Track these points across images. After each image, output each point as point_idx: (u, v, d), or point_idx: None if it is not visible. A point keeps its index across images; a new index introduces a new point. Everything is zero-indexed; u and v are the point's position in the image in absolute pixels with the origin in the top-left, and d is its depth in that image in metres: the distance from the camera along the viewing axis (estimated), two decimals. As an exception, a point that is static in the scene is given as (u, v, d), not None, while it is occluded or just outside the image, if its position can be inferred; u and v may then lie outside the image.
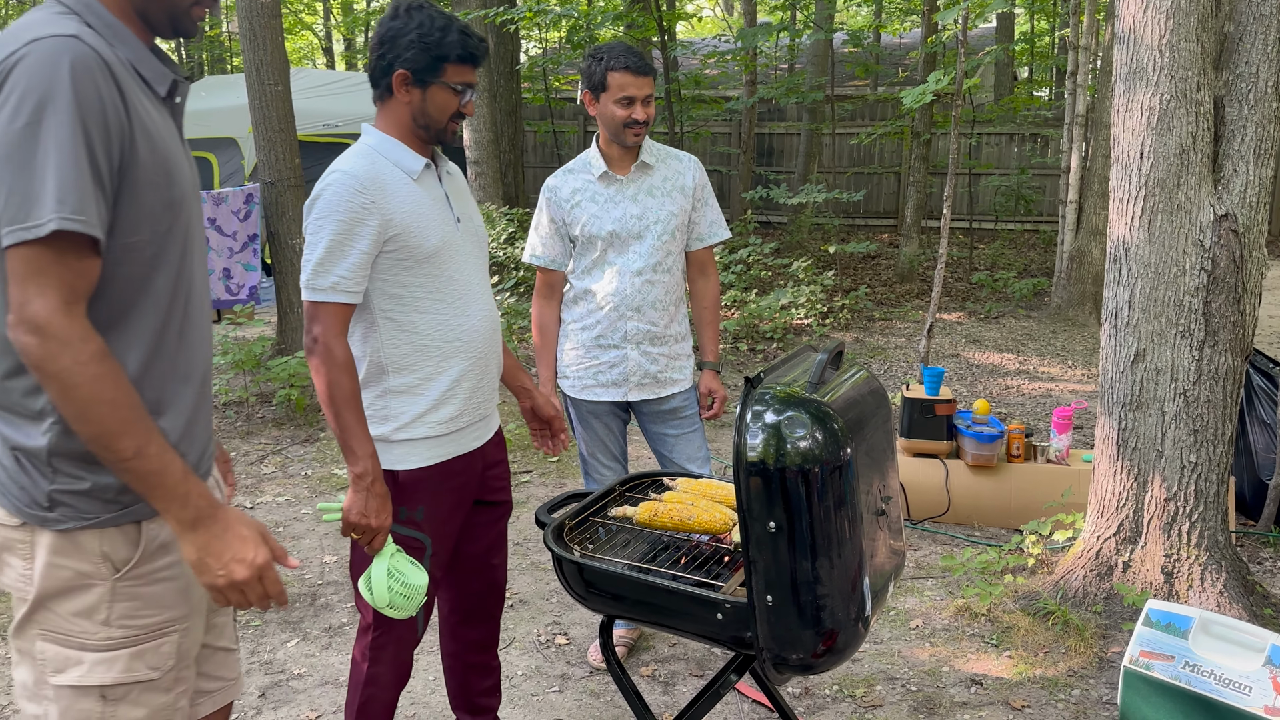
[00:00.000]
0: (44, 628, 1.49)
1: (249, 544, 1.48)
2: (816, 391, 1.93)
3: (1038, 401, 6.44)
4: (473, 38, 2.11)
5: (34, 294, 1.32)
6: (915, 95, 5.73)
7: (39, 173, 1.31)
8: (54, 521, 1.45)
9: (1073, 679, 3.09)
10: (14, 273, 1.33)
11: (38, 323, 1.32)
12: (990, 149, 14.05)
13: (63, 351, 1.33)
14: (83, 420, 1.36)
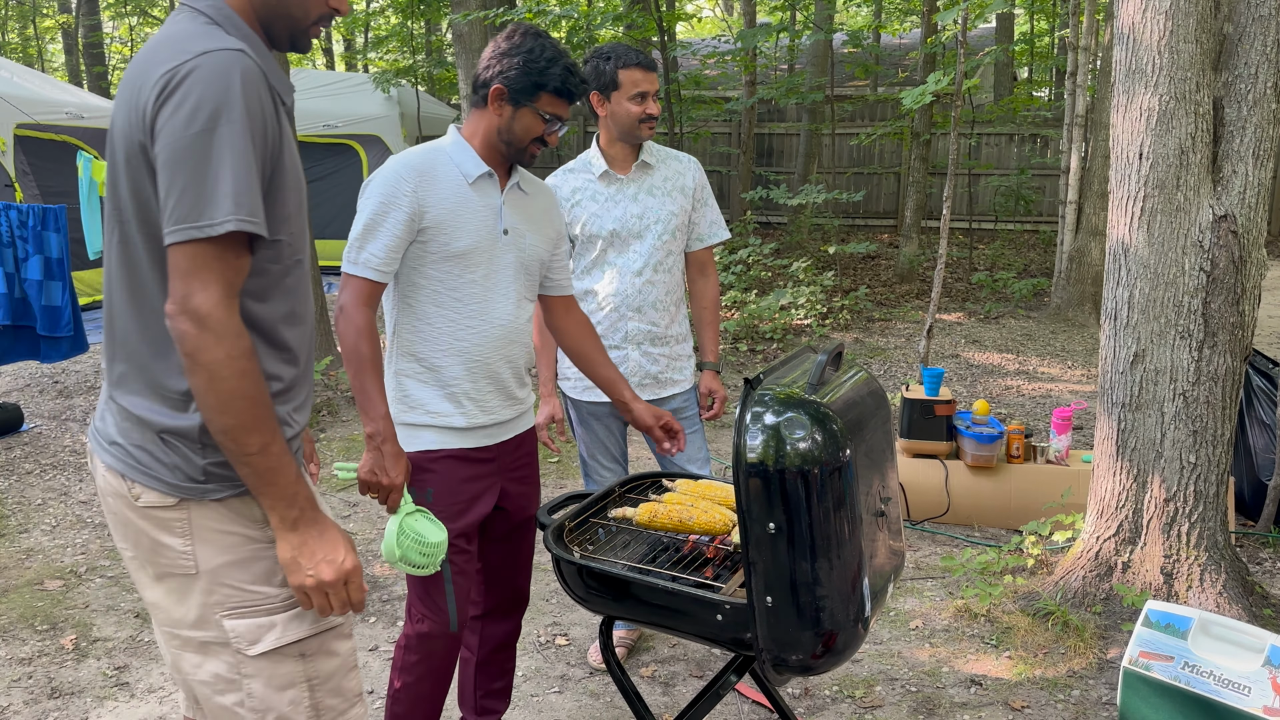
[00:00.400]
0: (227, 606, 1.54)
1: (339, 548, 1.54)
2: (816, 393, 1.94)
3: (1037, 402, 6.44)
4: (575, 76, 2.21)
5: (198, 287, 1.41)
6: (915, 96, 5.74)
7: (214, 176, 1.40)
8: (211, 491, 1.52)
9: (1072, 679, 3.09)
10: (178, 267, 1.41)
11: (200, 314, 1.41)
12: (990, 149, 14.06)
13: (218, 344, 1.42)
14: (221, 411, 1.44)
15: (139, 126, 1.44)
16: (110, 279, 1.55)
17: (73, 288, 5.94)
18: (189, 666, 1.59)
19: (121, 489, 1.54)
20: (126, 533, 1.57)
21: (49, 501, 4.68)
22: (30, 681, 3.12)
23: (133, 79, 1.48)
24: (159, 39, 1.49)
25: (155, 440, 1.52)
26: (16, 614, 3.56)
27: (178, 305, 1.42)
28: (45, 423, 5.92)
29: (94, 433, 1.62)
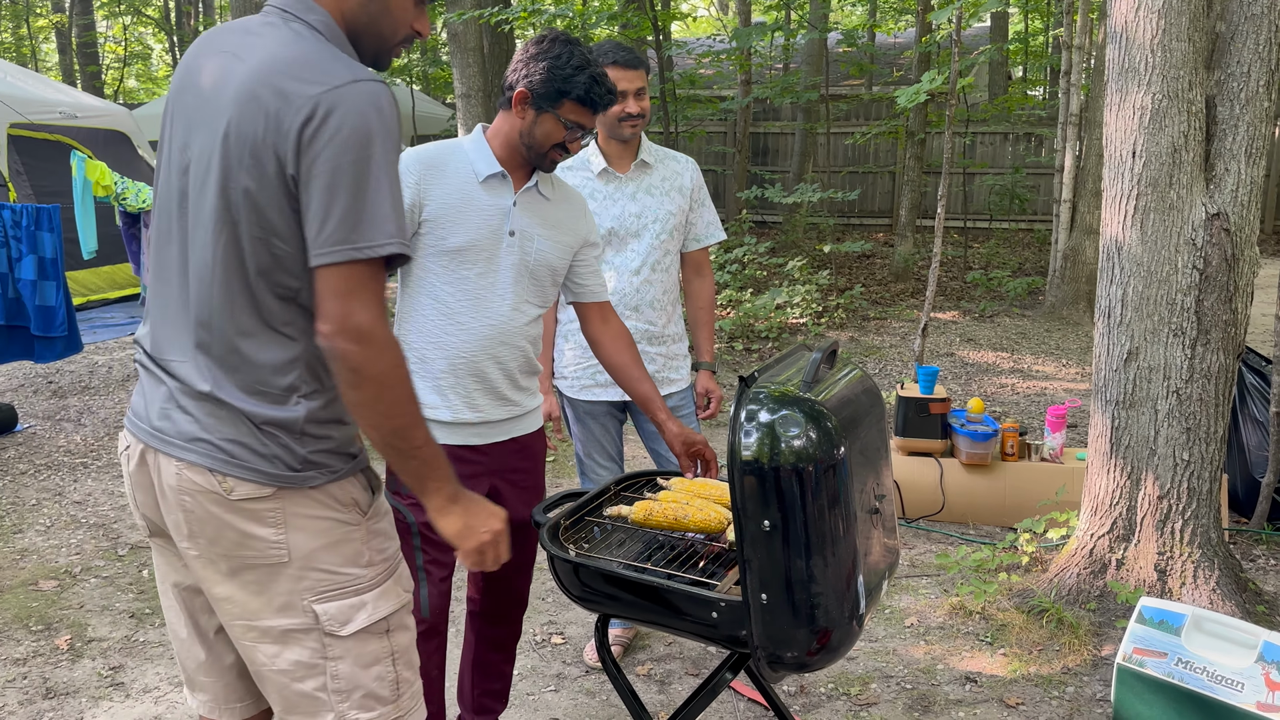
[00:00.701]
0: (318, 590, 1.59)
1: (490, 514, 1.69)
2: (811, 391, 1.94)
3: (1032, 400, 6.46)
4: (601, 86, 2.21)
5: (358, 306, 1.48)
6: (909, 95, 5.75)
7: (372, 200, 1.47)
8: (310, 479, 1.58)
9: (1067, 676, 3.10)
10: (334, 287, 1.48)
11: (363, 331, 1.48)
12: (985, 148, 14.08)
13: (382, 356, 1.50)
14: (392, 416, 1.53)
15: (275, 142, 1.47)
16: (202, 279, 1.55)
17: (67, 288, 5.93)
18: (265, 658, 1.62)
19: (210, 484, 1.55)
20: (204, 528, 1.57)
21: (43, 502, 4.68)
22: (25, 682, 3.11)
23: (258, 90, 1.49)
24: (288, 55, 1.51)
25: (253, 433, 1.55)
26: (11, 614, 3.56)
27: (336, 325, 1.47)
28: (40, 423, 5.91)
29: (151, 433, 1.60)
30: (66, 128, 9.09)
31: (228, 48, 1.59)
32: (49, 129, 8.96)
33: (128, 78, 23.95)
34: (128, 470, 1.68)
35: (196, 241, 1.57)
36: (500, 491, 2.39)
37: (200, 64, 1.62)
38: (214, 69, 1.58)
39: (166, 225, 1.63)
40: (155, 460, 1.61)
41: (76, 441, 5.58)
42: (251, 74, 1.51)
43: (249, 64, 1.52)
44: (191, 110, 1.59)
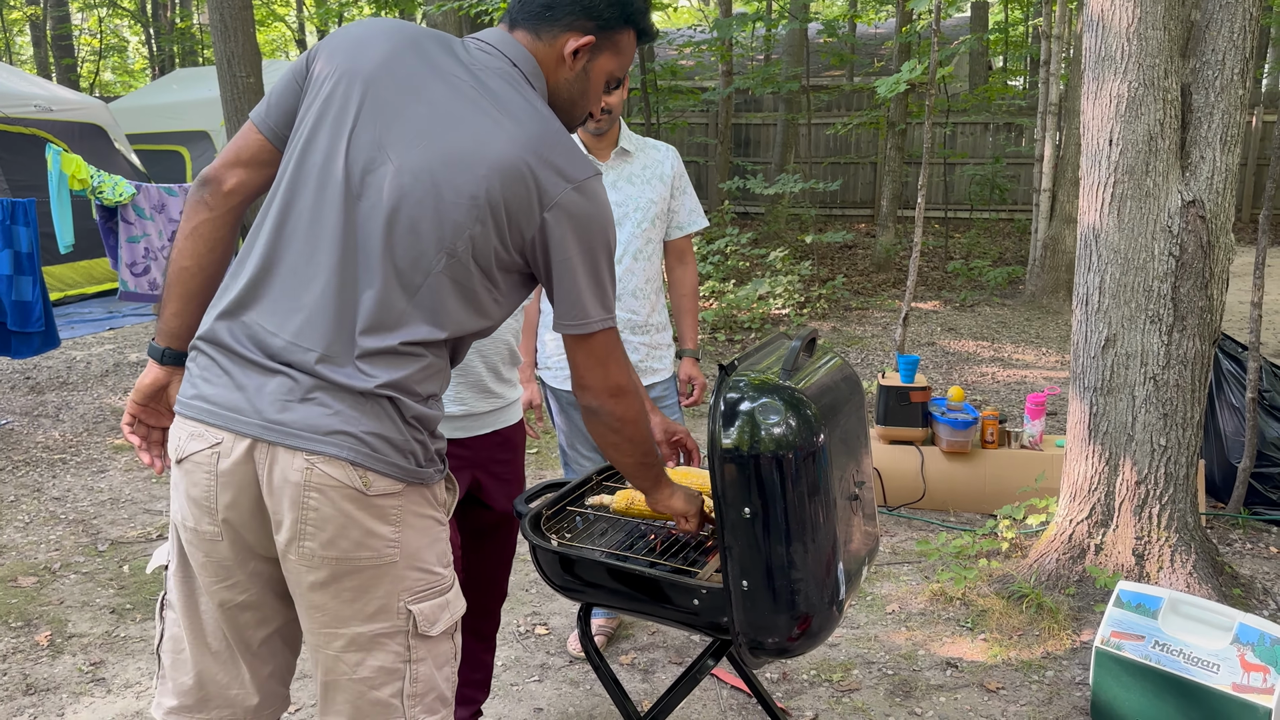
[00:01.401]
0: (415, 590, 1.63)
1: (695, 495, 2.00)
2: (790, 378, 1.95)
3: (1012, 388, 6.50)
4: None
5: (615, 368, 1.71)
6: (889, 85, 5.76)
7: (606, 279, 1.67)
8: (430, 476, 1.65)
9: (1046, 660, 3.13)
10: (595, 353, 1.69)
11: (623, 388, 1.72)
12: (965, 138, 14.14)
13: (634, 402, 1.75)
14: (637, 448, 1.81)
15: (527, 207, 1.58)
16: (399, 292, 1.57)
17: (43, 282, 5.87)
18: (346, 666, 1.62)
19: (350, 478, 1.54)
20: (325, 527, 1.54)
21: (21, 498, 4.64)
22: (5, 679, 3.10)
23: (521, 168, 1.56)
24: (546, 136, 1.60)
25: (398, 427, 1.58)
26: (-10, 611, 3.53)
27: (603, 385, 1.70)
28: (17, 419, 5.86)
29: (268, 427, 1.54)
30: (42, 121, 9.00)
31: (467, 81, 1.61)
32: (24, 122, 8.86)
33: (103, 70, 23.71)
34: (216, 469, 1.57)
35: (381, 248, 1.56)
36: (482, 484, 2.38)
37: (426, 74, 1.61)
38: (455, 98, 1.60)
39: (321, 208, 1.58)
40: (269, 455, 1.54)
41: (55, 437, 5.53)
42: (518, 144, 1.57)
43: (512, 129, 1.58)
44: (415, 122, 1.58)
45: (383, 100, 1.59)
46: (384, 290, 1.56)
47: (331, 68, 1.63)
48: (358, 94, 1.60)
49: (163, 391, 1.77)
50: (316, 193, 1.58)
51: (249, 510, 1.59)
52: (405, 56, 1.62)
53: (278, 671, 1.77)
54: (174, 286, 1.71)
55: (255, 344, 1.58)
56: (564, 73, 1.72)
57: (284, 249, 1.59)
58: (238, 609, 1.68)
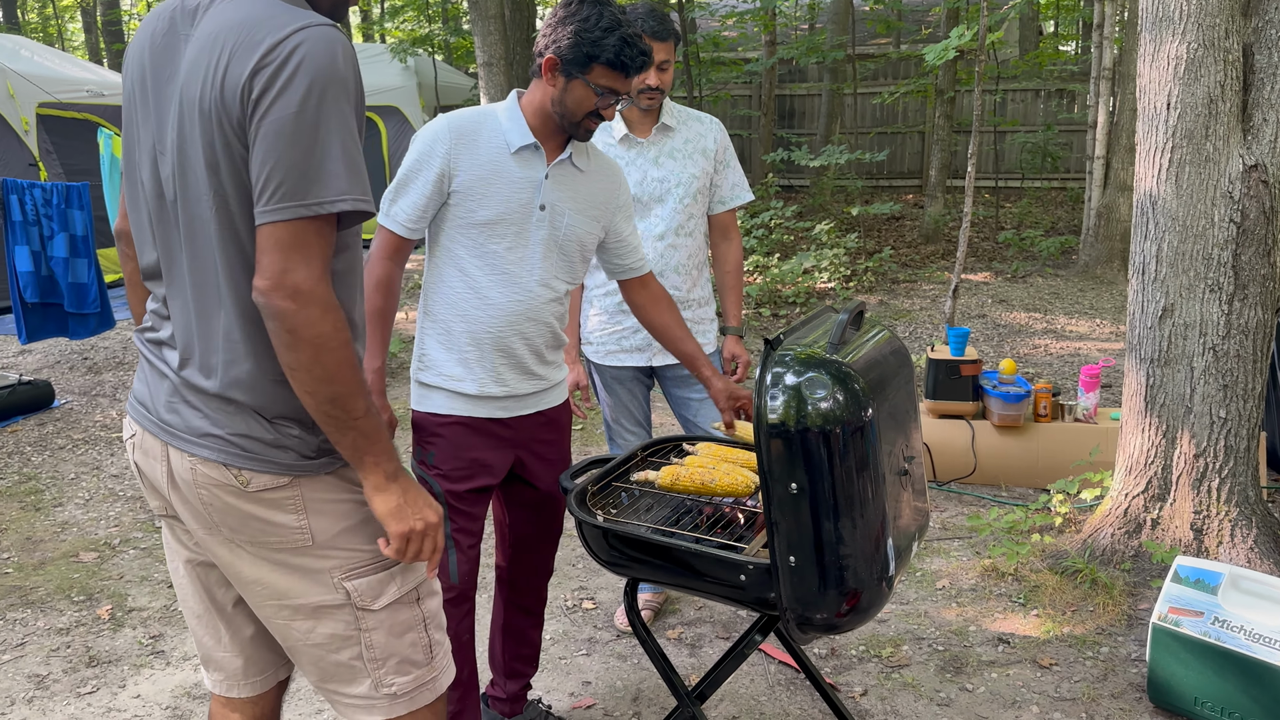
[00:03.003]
0: (346, 569, 1.60)
1: (428, 503, 1.61)
2: (837, 352, 1.92)
3: (1065, 361, 6.38)
4: (633, 48, 2.11)
5: (298, 263, 1.41)
6: (937, 52, 5.65)
7: (322, 153, 1.40)
8: (324, 466, 1.58)
9: (1101, 637, 3.08)
10: (278, 242, 1.40)
11: (301, 290, 1.41)
12: (1016, 105, 13.84)
13: (322, 318, 1.42)
14: (329, 381, 1.45)
15: (235, 107, 1.40)
16: (204, 268, 1.50)
17: (98, 264, 5.99)
18: (299, 634, 1.63)
19: (225, 478, 1.54)
20: (225, 519, 1.57)
21: (81, 476, 4.75)
22: (69, 651, 3.18)
23: (202, 60, 1.43)
24: (234, 18, 1.44)
25: (265, 427, 1.54)
26: (54, 585, 3.63)
27: (273, 281, 1.40)
28: (76, 398, 5.99)
29: (161, 426, 1.58)
30: (94, 106, 9.15)
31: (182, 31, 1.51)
32: (76, 107, 9.02)
33: (154, 55, 24.04)
34: (133, 457, 1.66)
35: (179, 235, 1.53)
36: (525, 463, 2.38)
37: (164, 42, 1.54)
38: (174, 50, 1.51)
39: (153, 222, 1.58)
40: (165, 452, 1.59)
41: (112, 416, 5.65)
42: (200, 51, 1.44)
43: (196, 42, 1.46)
44: (159, 99, 1.52)
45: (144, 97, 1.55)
46: (195, 283, 1.53)
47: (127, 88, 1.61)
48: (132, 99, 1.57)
49: None
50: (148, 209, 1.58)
51: (164, 495, 1.65)
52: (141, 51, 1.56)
53: (260, 635, 1.78)
54: None
55: (156, 349, 1.63)
56: None
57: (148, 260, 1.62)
58: (203, 567, 1.73)
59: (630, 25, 2.13)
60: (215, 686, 1.82)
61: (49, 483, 4.66)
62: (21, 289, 5.70)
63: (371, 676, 1.65)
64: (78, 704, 2.89)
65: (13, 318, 5.93)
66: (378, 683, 1.66)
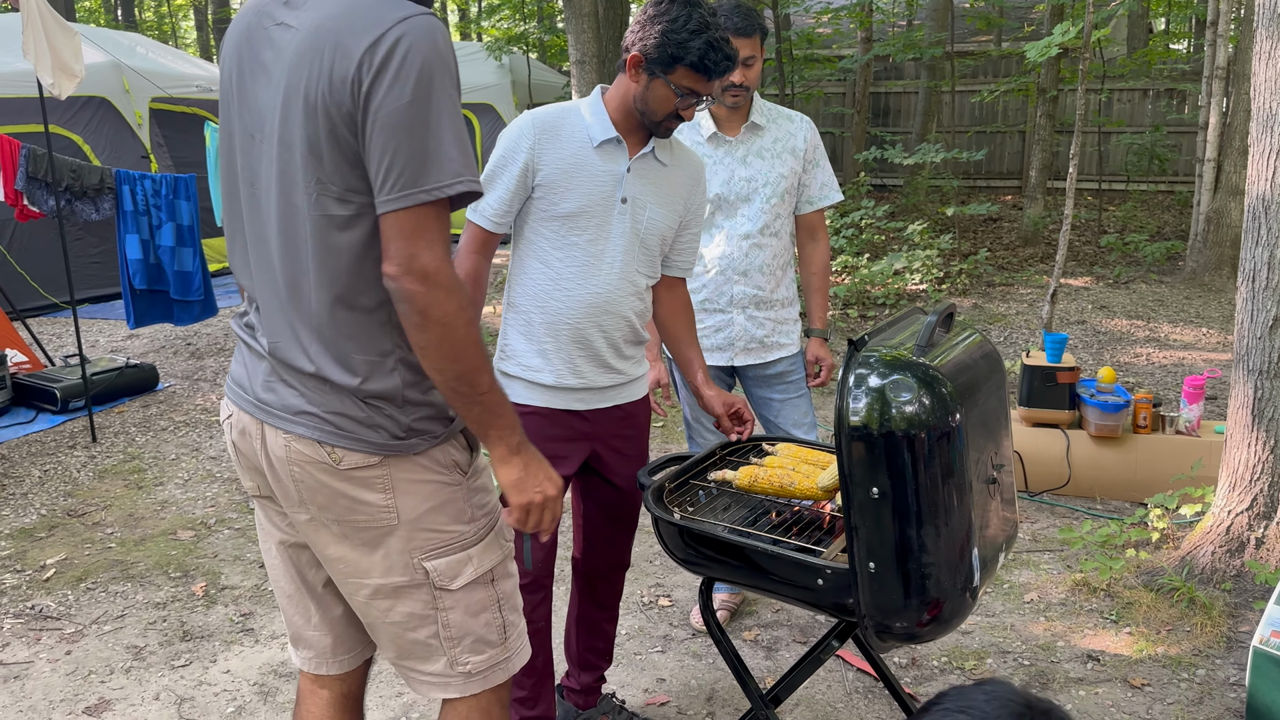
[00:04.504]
0: (426, 549, 1.64)
1: (548, 476, 1.69)
2: (925, 355, 1.87)
3: (1168, 370, 6.14)
4: (718, 52, 2.10)
5: (424, 247, 1.46)
6: (1039, 49, 5.48)
7: (436, 139, 1.44)
8: (413, 447, 1.61)
9: (1197, 658, 2.95)
10: (401, 229, 1.46)
11: (428, 272, 1.46)
12: (1122, 105, 13.37)
13: (449, 298, 1.48)
14: (456, 359, 1.51)
15: (345, 99, 1.44)
16: (298, 253, 1.54)
17: (203, 254, 6.21)
18: (378, 612, 1.68)
19: (319, 455, 1.58)
20: (315, 496, 1.61)
21: (182, 456, 4.93)
22: (165, 624, 3.30)
23: (311, 52, 1.47)
24: (336, 10, 1.48)
25: (358, 405, 1.58)
26: (152, 561, 3.77)
27: (402, 266, 1.46)
28: (179, 382, 6.22)
29: (257, 405, 1.63)
30: (202, 101, 9.48)
31: (282, 17, 1.55)
32: (186, 102, 9.37)
33: (261, 52, 24.83)
34: (230, 438, 1.72)
35: (273, 220, 1.56)
36: (602, 457, 2.38)
37: (261, 33, 1.57)
38: (279, 44, 1.54)
39: (240, 211, 1.64)
40: (260, 431, 1.64)
41: (213, 400, 5.86)
42: (307, 40, 1.48)
43: (301, 33, 1.49)
44: (257, 91, 1.56)
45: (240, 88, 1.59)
46: (286, 267, 1.56)
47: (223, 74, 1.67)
48: (228, 92, 1.62)
49: None
50: (235, 198, 1.65)
51: (260, 475, 1.70)
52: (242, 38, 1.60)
53: (348, 614, 1.82)
54: None
55: (251, 333, 1.68)
56: None
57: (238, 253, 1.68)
58: (296, 548, 1.78)
59: (718, 28, 2.12)
60: (304, 664, 1.87)
61: (151, 462, 4.85)
62: (131, 275, 5.95)
63: (447, 655, 1.69)
64: (171, 676, 3.00)
65: (122, 303, 6.19)
66: (453, 661, 1.70)
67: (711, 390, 2.40)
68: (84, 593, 3.53)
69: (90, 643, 3.19)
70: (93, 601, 3.46)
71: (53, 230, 7.16)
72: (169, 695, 2.90)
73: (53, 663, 3.08)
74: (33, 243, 7.85)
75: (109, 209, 5.83)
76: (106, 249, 8.19)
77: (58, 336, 7.40)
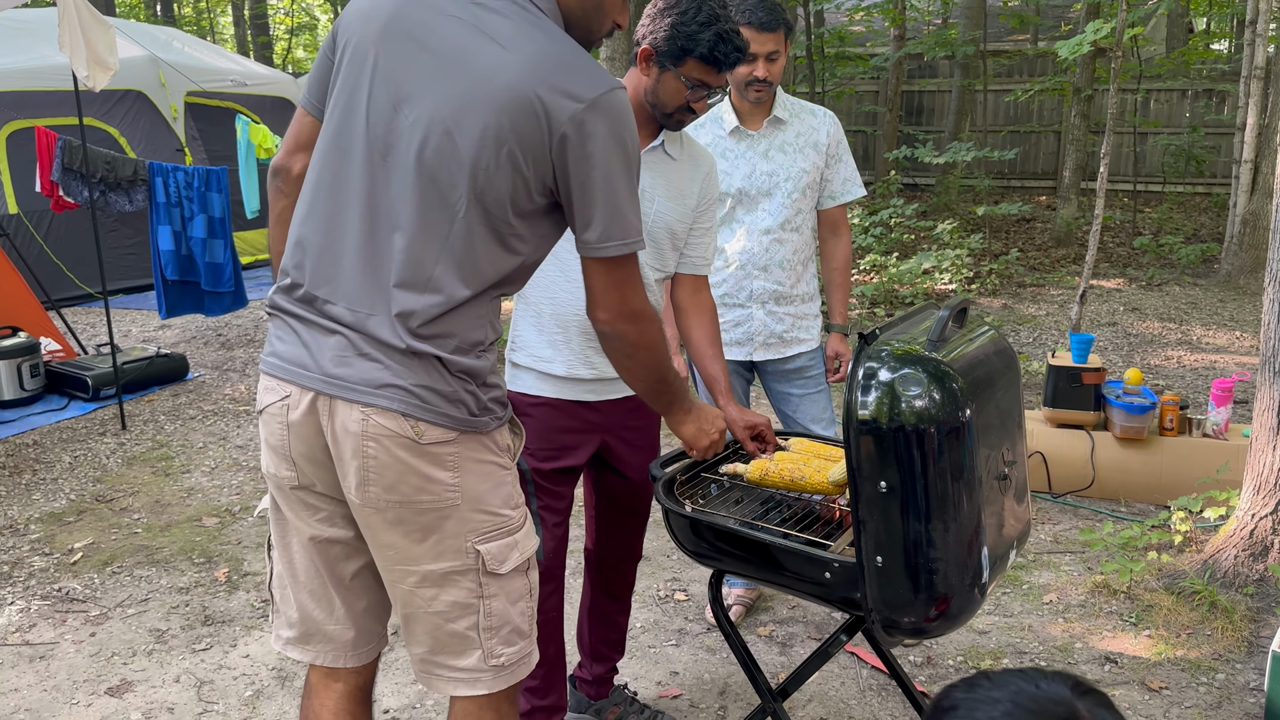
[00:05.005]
0: (481, 532, 1.69)
1: (715, 416, 2.09)
2: (937, 350, 1.87)
3: (1198, 374, 6.06)
4: (728, 44, 2.10)
5: (631, 292, 1.70)
6: (1071, 46, 5.42)
7: (627, 201, 1.65)
8: (485, 424, 1.68)
9: (1217, 663, 2.91)
10: (612, 277, 1.68)
11: (638, 312, 1.72)
12: (1159, 106, 13.19)
13: (652, 327, 1.75)
14: (656, 371, 1.82)
15: (546, 139, 1.57)
16: (413, 239, 1.59)
17: (234, 246, 6.29)
18: (422, 600, 1.69)
19: (401, 428, 1.60)
20: (384, 474, 1.61)
21: (209, 445, 5.00)
22: (187, 609, 3.35)
23: (528, 95, 1.55)
24: (551, 56, 1.58)
25: (445, 379, 1.61)
26: (177, 547, 3.83)
27: (616, 311, 1.69)
28: (208, 372, 6.30)
29: (327, 381, 1.62)
30: (236, 95, 9.60)
31: (469, 18, 1.60)
32: (220, 96, 9.48)
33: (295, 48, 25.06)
34: (287, 420, 1.67)
35: (405, 201, 1.59)
36: (613, 448, 2.38)
37: (429, 20, 1.62)
38: (458, 38, 1.59)
39: (347, 173, 1.63)
40: (329, 407, 1.62)
41: (241, 390, 5.93)
42: (522, 75, 1.56)
43: (516, 60, 1.56)
44: (422, 71, 1.60)
45: (392, 57, 1.62)
46: (413, 245, 1.60)
47: (347, 38, 1.68)
48: (370, 58, 1.64)
49: None
50: (343, 161, 1.65)
51: (317, 457, 1.68)
52: (407, 10, 1.64)
53: (372, 608, 1.84)
54: (276, 269, 1.81)
55: (313, 308, 1.66)
56: None
57: (319, 218, 1.67)
58: (327, 543, 1.77)
59: (728, 20, 2.11)
60: (319, 659, 1.85)
61: (179, 450, 4.92)
62: (163, 266, 6.03)
63: (483, 647, 1.71)
64: (192, 659, 3.04)
65: (154, 294, 6.28)
66: (488, 653, 1.72)
67: (735, 409, 2.35)
68: (109, 576, 3.59)
69: (114, 625, 3.25)
70: (118, 585, 3.52)
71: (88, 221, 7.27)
72: (189, 678, 2.95)
73: (77, 644, 3.13)
74: (68, 233, 7.98)
75: (142, 200, 5.92)
76: (140, 240, 8.31)
77: (91, 326, 7.52)
